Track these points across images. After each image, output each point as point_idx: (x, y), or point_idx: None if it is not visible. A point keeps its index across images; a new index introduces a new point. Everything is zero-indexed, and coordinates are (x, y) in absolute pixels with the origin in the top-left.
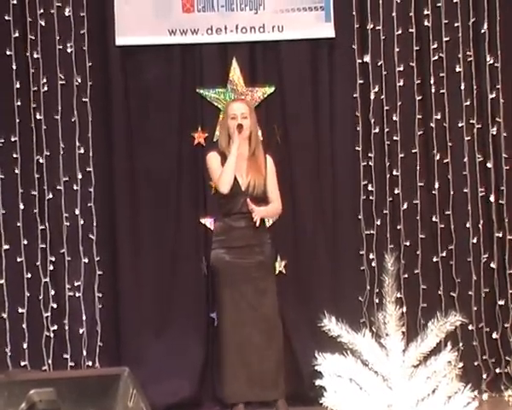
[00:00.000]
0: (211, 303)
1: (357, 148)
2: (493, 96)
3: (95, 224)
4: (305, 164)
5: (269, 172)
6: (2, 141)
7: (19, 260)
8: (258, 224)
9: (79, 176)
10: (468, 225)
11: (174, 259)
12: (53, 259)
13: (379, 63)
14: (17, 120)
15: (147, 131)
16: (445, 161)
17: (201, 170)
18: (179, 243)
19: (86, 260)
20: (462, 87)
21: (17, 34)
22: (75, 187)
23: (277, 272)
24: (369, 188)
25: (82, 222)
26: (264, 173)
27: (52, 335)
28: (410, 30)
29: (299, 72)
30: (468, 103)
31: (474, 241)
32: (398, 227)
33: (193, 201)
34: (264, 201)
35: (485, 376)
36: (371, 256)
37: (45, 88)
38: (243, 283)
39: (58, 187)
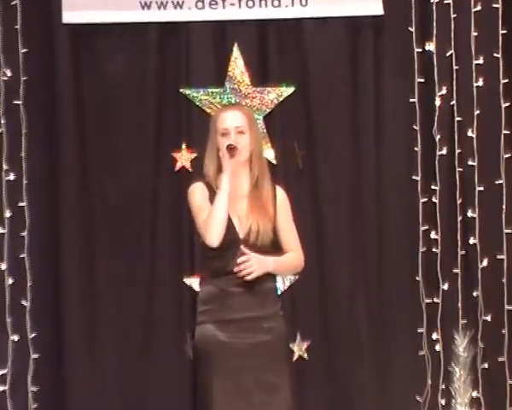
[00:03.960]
0: (198, 400)
1: (414, 177)
2: None
3: (29, 283)
4: (337, 200)
5: (280, 210)
6: None
7: None
8: (250, 277)
9: (7, 214)
10: None
11: (146, 336)
12: None
13: (448, 53)
14: None
15: (108, 149)
16: None
17: (187, 205)
18: (154, 312)
19: (16, 338)
20: None
21: None
22: (1, 230)
23: (296, 357)
24: (432, 236)
25: (10, 281)
26: (273, 213)
27: None
28: (495, 5)
29: (331, 65)
30: None
31: None
32: (475, 294)
33: (174, 251)
34: (273, 253)
35: None
36: (434, 336)
37: None
38: (243, 373)
39: None
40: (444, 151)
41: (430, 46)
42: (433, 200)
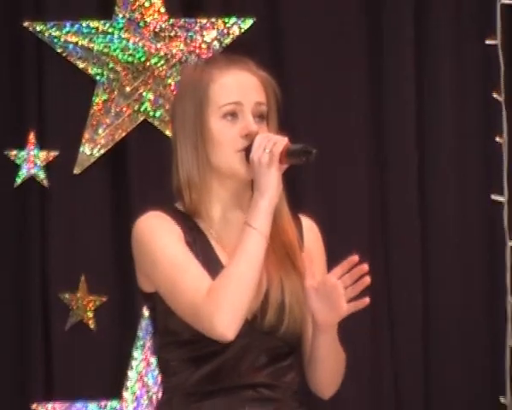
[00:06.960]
0: None
1: (495, 196)
2: None
3: None
4: (332, 237)
5: (314, 260)
6: None
7: None
8: None
9: None
10: None
11: None
12: None
13: None
14: None
15: None
16: None
17: (37, 250)
18: None
19: None
20: None
21: None
22: None
23: None
24: None
25: None
26: (302, 263)
27: None
28: None
29: None
30: None
31: None
32: None
33: (14, 352)
34: (297, 347)
35: None
36: None
37: None
38: None
39: None
40: None
41: None
42: None
